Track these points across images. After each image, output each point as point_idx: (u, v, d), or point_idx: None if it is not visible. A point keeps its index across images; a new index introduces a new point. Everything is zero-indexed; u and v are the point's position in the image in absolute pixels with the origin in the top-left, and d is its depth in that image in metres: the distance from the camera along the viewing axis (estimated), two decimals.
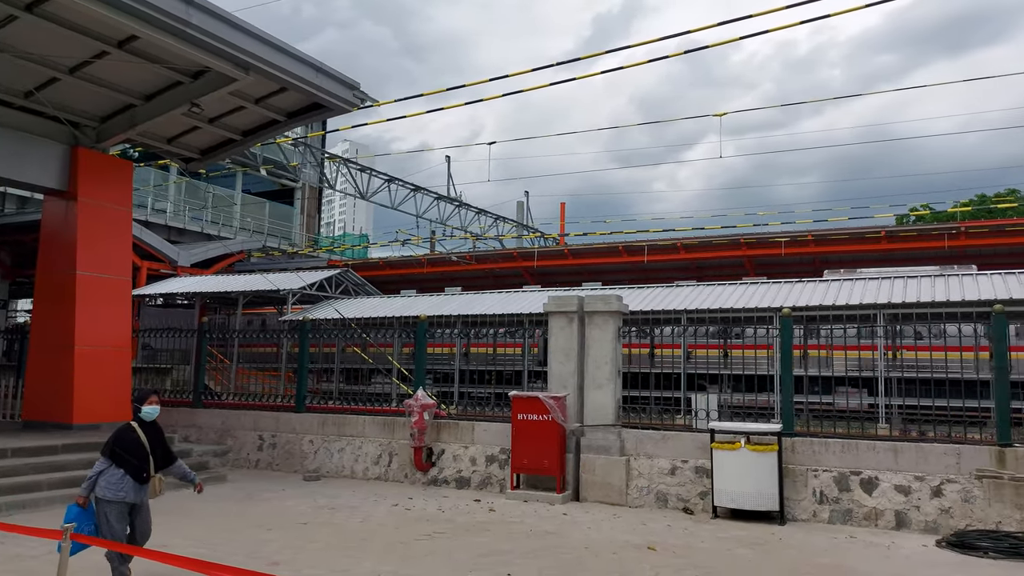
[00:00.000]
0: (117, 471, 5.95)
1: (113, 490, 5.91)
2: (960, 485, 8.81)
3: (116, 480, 5.93)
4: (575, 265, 30.53)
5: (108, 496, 5.90)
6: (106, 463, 5.97)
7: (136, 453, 6.04)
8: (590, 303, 11.14)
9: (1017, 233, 25.70)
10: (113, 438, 6.10)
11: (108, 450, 6.02)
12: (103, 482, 5.93)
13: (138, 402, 6.28)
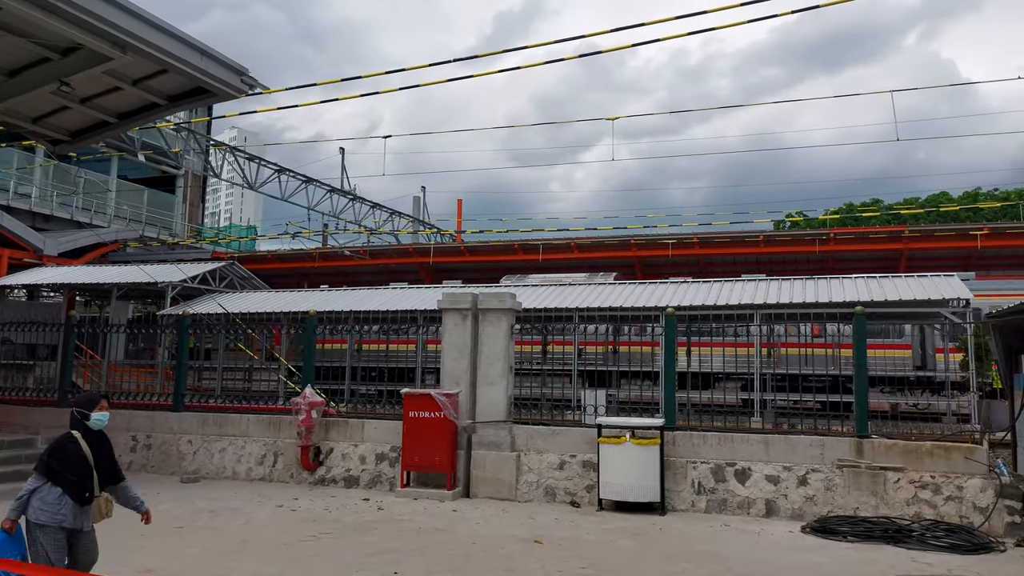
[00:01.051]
0: (54, 490, 5.01)
1: (49, 513, 4.97)
2: (823, 474, 9.46)
3: (52, 501, 4.99)
4: (472, 262, 30.62)
5: (42, 520, 4.96)
6: (40, 480, 5.02)
7: (77, 468, 5.10)
8: (484, 300, 11.20)
9: (879, 240, 27.85)
10: (49, 450, 5.16)
11: (43, 465, 5.06)
12: (36, 503, 4.98)
13: (83, 407, 5.27)
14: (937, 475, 9.06)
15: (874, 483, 9.22)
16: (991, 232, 25.79)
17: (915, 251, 26.87)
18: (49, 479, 5.02)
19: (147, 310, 26.00)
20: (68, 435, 5.23)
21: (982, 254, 26.30)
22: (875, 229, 29.92)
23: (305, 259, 32.67)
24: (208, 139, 28.85)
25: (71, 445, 5.16)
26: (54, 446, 5.19)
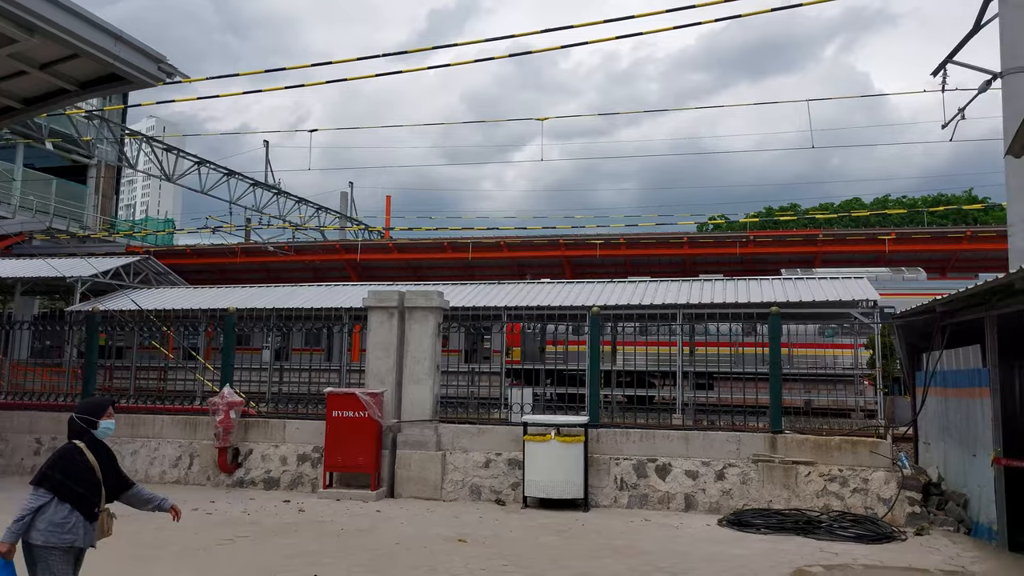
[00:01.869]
0: (62, 507, 4.43)
1: (58, 533, 4.39)
2: (740, 469, 9.78)
3: (61, 519, 4.41)
4: (400, 259, 30.34)
5: (52, 542, 4.38)
6: (45, 496, 4.40)
7: (86, 481, 4.54)
8: (411, 298, 11.11)
9: (795, 243, 28.99)
10: (54, 462, 4.54)
11: (48, 479, 4.44)
12: (42, 523, 4.37)
13: (90, 413, 4.72)
14: (845, 468, 9.49)
15: (787, 477, 9.59)
16: (898, 237, 27.22)
17: (828, 254, 28.13)
18: (56, 494, 4.44)
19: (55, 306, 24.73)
20: (72, 445, 4.63)
21: (890, 257, 27.70)
22: (792, 232, 31.16)
23: (226, 254, 31.71)
24: (123, 128, 27.59)
25: (79, 456, 4.59)
26: (59, 457, 4.58)
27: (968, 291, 8.17)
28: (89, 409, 4.78)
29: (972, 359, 9.16)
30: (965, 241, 26.64)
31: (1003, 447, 8.17)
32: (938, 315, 9.96)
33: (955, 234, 27.42)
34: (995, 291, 7.79)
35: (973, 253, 26.71)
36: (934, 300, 9.56)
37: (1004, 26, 11.63)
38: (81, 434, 4.68)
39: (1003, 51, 11.60)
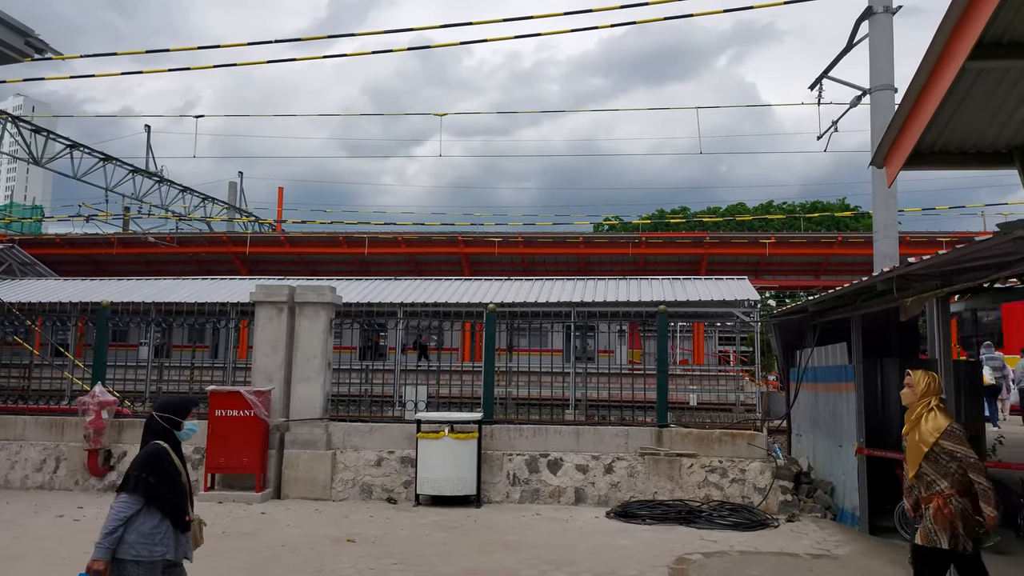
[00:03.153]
0: (152, 515, 3.98)
1: (148, 545, 3.93)
2: (627, 462, 10.07)
3: (151, 529, 3.96)
4: (292, 253, 29.41)
5: (142, 555, 3.91)
6: (136, 503, 3.93)
7: (176, 487, 4.10)
8: (302, 293, 10.77)
9: (684, 245, 30.14)
10: (144, 465, 4.02)
11: (139, 483, 3.95)
12: (131, 535, 3.91)
13: (171, 412, 4.25)
14: (724, 460, 9.94)
15: (671, 469, 9.95)
16: (778, 241, 28.78)
17: (715, 256, 29.41)
18: (147, 501, 3.96)
19: None
20: (160, 446, 4.14)
21: (770, 260, 29.28)
22: (681, 235, 32.41)
23: (102, 245, 29.78)
24: None
25: (167, 458, 4.11)
26: (148, 459, 4.06)
27: (836, 292, 8.73)
28: (173, 408, 4.31)
29: (839, 356, 9.80)
30: (837, 246, 28.49)
31: (865, 438, 8.79)
32: (810, 315, 10.61)
33: (828, 239, 29.29)
34: (859, 293, 8.36)
35: (844, 257, 28.61)
36: (807, 300, 10.17)
37: (873, 46, 12.50)
38: (162, 435, 4.20)
39: (872, 69, 12.47)
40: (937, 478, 5.01)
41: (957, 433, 5.02)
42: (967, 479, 4.93)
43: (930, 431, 5.02)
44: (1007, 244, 5.13)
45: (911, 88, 4.44)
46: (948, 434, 4.99)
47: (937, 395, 5.17)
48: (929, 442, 5.01)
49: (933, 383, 5.19)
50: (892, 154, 4.90)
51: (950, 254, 5.74)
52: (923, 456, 5.06)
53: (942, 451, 4.99)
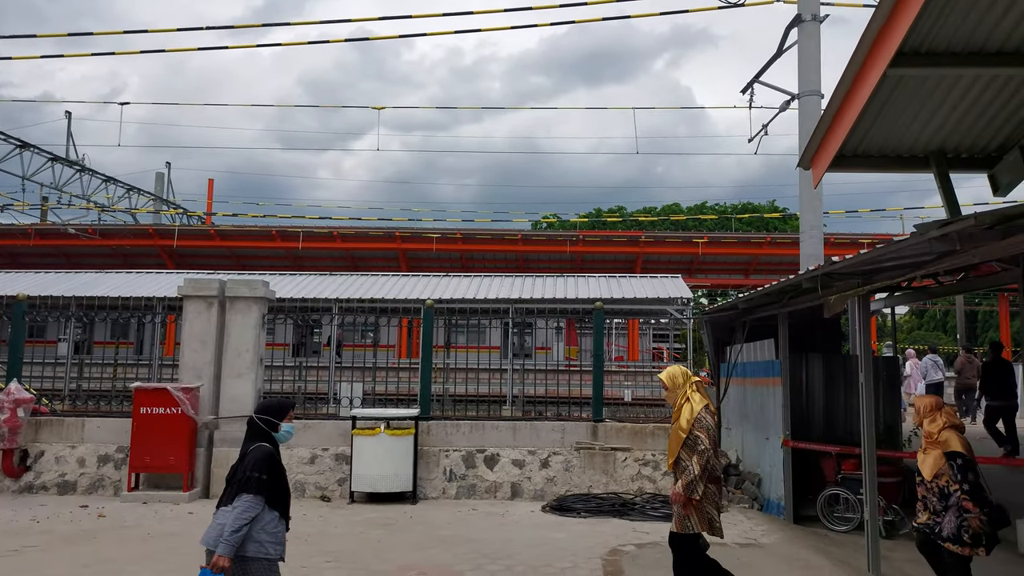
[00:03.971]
0: (272, 514, 4.07)
1: (272, 543, 4.06)
2: (563, 456, 10.18)
3: (274, 528, 4.08)
4: (222, 247, 28.59)
5: (270, 553, 4.02)
6: (259, 503, 3.99)
7: (284, 487, 4.22)
8: (233, 287, 10.49)
9: (621, 244, 30.60)
10: (261, 466, 4.06)
11: (264, 484, 4.02)
12: (258, 532, 3.99)
13: (272, 415, 4.31)
14: (657, 453, 10.15)
15: (606, 462, 10.11)
16: (710, 241, 29.52)
17: (650, 254, 29.94)
18: (267, 502, 4.05)
19: None
20: (269, 448, 4.21)
21: (702, 259, 30.00)
22: (618, 233, 32.90)
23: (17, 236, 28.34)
24: None
25: (276, 458, 4.22)
26: (264, 460, 4.10)
27: (764, 290, 9.00)
28: (271, 410, 4.38)
29: (767, 352, 10.12)
30: (766, 246, 29.40)
31: (791, 431, 9.10)
32: (739, 312, 10.91)
33: (757, 240, 30.20)
34: (786, 291, 8.64)
35: (772, 257, 29.54)
36: (737, 298, 10.46)
37: (801, 53, 12.94)
38: (262, 436, 4.28)
39: (800, 75, 12.91)
40: (693, 464, 5.08)
41: (704, 422, 5.11)
42: (717, 465, 5.10)
43: (686, 419, 5.14)
44: (923, 244, 5.40)
45: (836, 93, 4.62)
46: (699, 423, 5.08)
47: (691, 384, 5.29)
48: (687, 429, 5.11)
49: (681, 375, 5.33)
50: (818, 156, 5.10)
51: (870, 254, 5.99)
52: (682, 443, 5.16)
53: (696, 439, 5.09)
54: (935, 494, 5.69)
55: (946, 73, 4.33)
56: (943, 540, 5.53)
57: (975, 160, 5.26)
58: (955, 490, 5.52)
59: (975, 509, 5.44)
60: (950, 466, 5.56)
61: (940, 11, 3.85)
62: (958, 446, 5.61)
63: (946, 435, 5.70)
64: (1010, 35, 4.06)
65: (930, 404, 5.92)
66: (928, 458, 5.78)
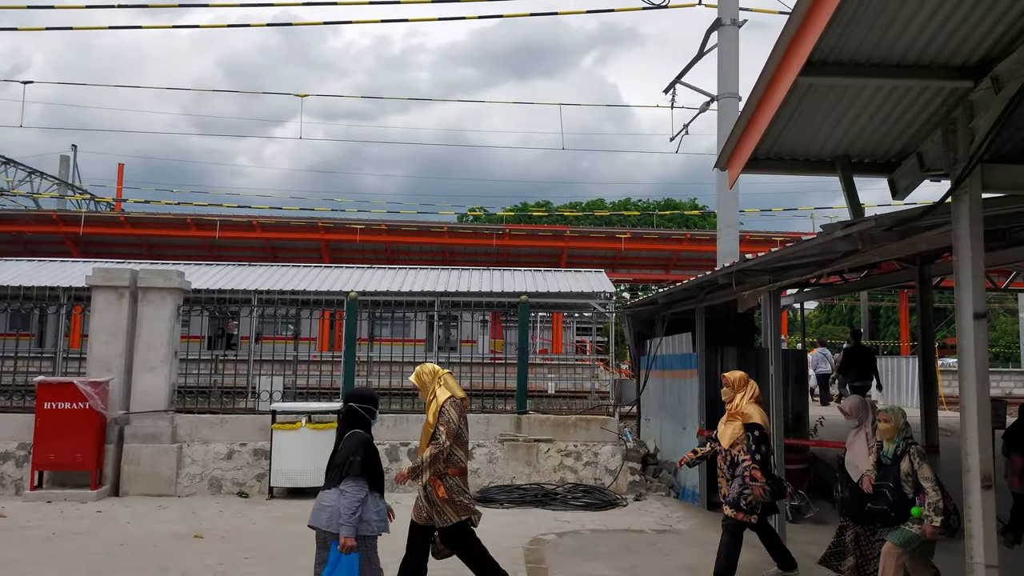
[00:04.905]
0: (375, 496, 4.60)
1: (378, 521, 4.62)
2: (487, 448, 10.25)
3: (380, 508, 4.63)
4: (134, 235, 27.39)
5: (375, 531, 4.58)
6: (364, 484, 4.48)
7: (382, 472, 4.72)
8: (146, 278, 10.09)
9: (546, 238, 30.90)
10: (364, 452, 4.52)
11: (367, 469, 4.49)
12: (369, 513, 4.52)
13: (370, 403, 4.79)
14: (579, 444, 10.35)
15: (529, 454, 10.24)
16: (632, 236, 30.16)
17: (575, 249, 30.35)
18: (371, 485, 4.57)
19: None
20: (367, 435, 4.69)
21: (625, 254, 30.62)
22: (543, 228, 33.19)
23: None
24: None
25: (374, 445, 4.72)
26: (366, 447, 4.58)
27: (682, 285, 9.31)
28: (367, 399, 4.81)
29: (685, 345, 10.47)
30: (686, 243, 30.24)
31: (706, 421, 9.46)
32: (659, 306, 11.24)
33: (678, 236, 31.03)
34: (703, 286, 8.97)
35: (692, 253, 30.41)
36: (657, 292, 10.77)
37: (721, 56, 13.37)
38: (357, 423, 4.69)
39: (719, 78, 13.34)
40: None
41: (445, 415, 5.19)
42: (462, 457, 5.30)
43: (432, 413, 5.22)
44: (828, 244, 5.71)
45: (751, 98, 4.81)
46: (442, 416, 5.19)
47: (438, 379, 5.35)
48: (433, 424, 5.21)
49: (428, 373, 5.40)
50: (733, 158, 5.30)
51: (781, 251, 6.30)
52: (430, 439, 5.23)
53: (439, 433, 5.18)
54: (727, 462, 6.09)
55: (851, 83, 4.58)
56: (725, 504, 5.98)
57: (877, 165, 5.57)
58: (744, 459, 5.91)
59: (761, 479, 5.84)
60: (747, 436, 5.95)
61: (846, 25, 4.07)
62: (757, 419, 6.00)
63: (749, 408, 6.09)
64: (909, 49, 4.33)
65: (740, 379, 6.33)
66: (728, 428, 6.17)
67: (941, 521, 5.15)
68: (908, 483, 5.35)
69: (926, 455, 5.46)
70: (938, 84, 4.60)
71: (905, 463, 5.38)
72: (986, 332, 4.60)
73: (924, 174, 5.25)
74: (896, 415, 5.55)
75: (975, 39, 4.28)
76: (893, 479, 5.41)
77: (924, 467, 5.31)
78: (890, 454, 5.51)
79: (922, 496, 5.24)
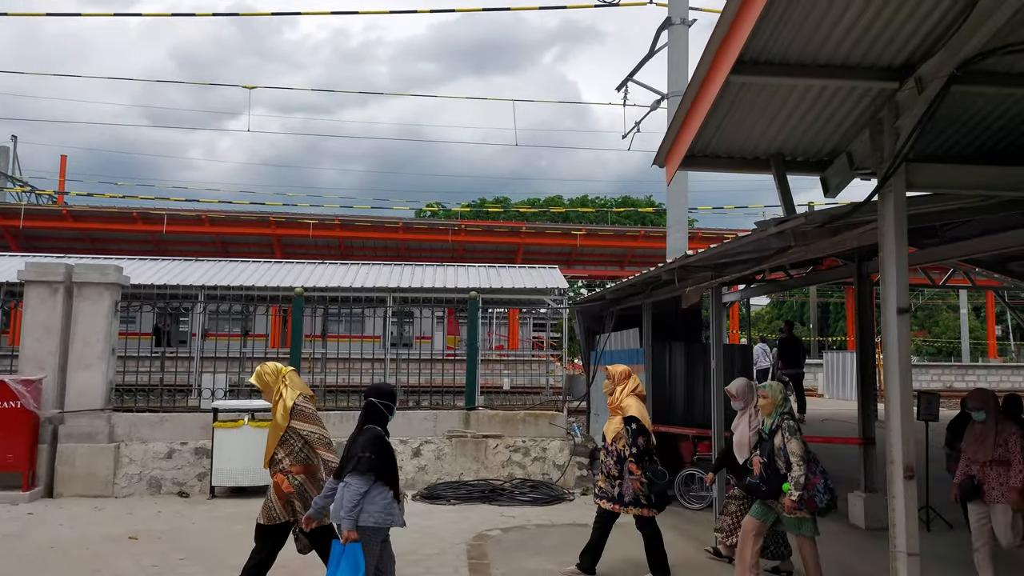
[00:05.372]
0: (383, 490, 4.67)
1: (383, 515, 4.64)
2: (435, 445, 10.21)
3: (387, 502, 4.68)
4: (77, 229, 26.56)
5: (381, 522, 4.63)
6: (367, 480, 4.58)
7: (394, 465, 4.80)
8: (82, 272, 9.80)
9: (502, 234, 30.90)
10: (372, 448, 4.63)
11: (372, 465, 4.59)
12: (372, 506, 4.60)
13: (388, 399, 4.88)
14: (528, 440, 10.38)
15: (477, 450, 10.23)
16: (588, 233, 30.34)
17: (530, 245, 30.41)
18: (377, 478, 4.63)
19: None
20: (379, 430, 4.80)
21: (581, 251, 30.79)
22: (499, 224, 33.17)
23: None
24: None
25: (387, 440, 4.81)
26: (375, 442, 4.68)
27: (629, 281, 9.39)
28: (385, 394, 4.92)
29: (632, 340, 10.57)
30: (640, 239, 30.53)
31: (652, 415, 9.55)
32: (607, 301, 11.33)
33: (632, 233, 31.31)
34: (648, 282, 9.06)
35: (646, 250, 30.71)
36: (604, 288, 10.85)
37: (671, 54, 13.50)
38: (378, 419, 4.81)
39: (669, 76, 13.47)
40: (283, 457, 5.18)
41: (304, 411, 5.21)
42: (311, 456, 5.21)
43: (280, 415, 5.20)
44: (763, 240, 5.81)
45: (687, 95, 4.87)
46: (298, 414, 5.17)
47: (282, 378, 5.36)
48: (283, 426, 5.18)
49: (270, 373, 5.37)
50: (670, 155, 5.36)
51: (719, 248, 6.39)
52: (279, 440, 5.19)
53: (292, 431, 5.17)
54: (613, 458, 6.06)
55: (782, 82, 4.65)
56: (624, 505, 5.95)
57: (810, 163, 5.68)
58: (627, 454, 5.89)
59: (637, 472, 5.83)
60: (626, 430, 5.94)
61: (775, 25, 4.14)
62: (634, 411, 5.98)
63: (627, 401, 6.07)
64: (836, 50, 4.42)
65: (621, 372, 6.30)
66: (611, 423, 6.15)
67: (798, 496, 5.26)
68: (780, 457, 5.46)
69: (798, 431, 5.53)
70: (865, 85, 4.70)
71: (778, 438, 5.49)
72: (909, 326, 4.72)
73: (854, 172, 5.37)
74: (774, 391, 5.66)
75: (900, 41, 4.39)
76: (767, 454, 5.54)
77: (793, 442, 5.40)
78: (768, 429, 5.65)
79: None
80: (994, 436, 5.68)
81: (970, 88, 4.79)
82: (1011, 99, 5.03)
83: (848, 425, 13.41)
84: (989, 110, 5.19)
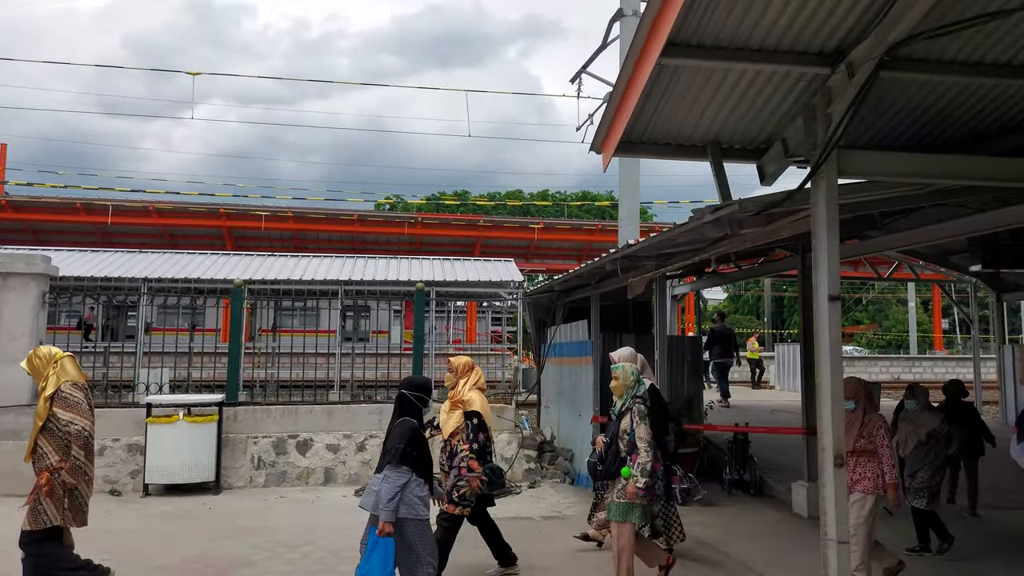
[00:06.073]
0: (420, 482, 4.70)
1: (422, 506, 4.70)
2: (380, 439, 9.99)
3: (424, 493, 4.73)
4: (16, 220, 25.62)
5: (421, 515, 4.68)
6: (405, 472, 4.61)
7: (429, 457, 4.86)
8: (5, 263, 9.37)
9: (460, 227, 30.69)
10: (408, 440, 4.68)
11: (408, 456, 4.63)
12: (410, 498, 4.63)
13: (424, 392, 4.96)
14: None
15: None
16: (546, 227, 30.30)
17: (489, 238, 30.26)
18: (415, 471, 4.66)
19: None
20: (414, 423, 4.81)
21: (539, 244, 30.74)
22: (457, 217, 32.94)
23: None
24: None
25: (420, 432, 4.84)
26: (411, 435, 4.72)
27: (576, 272, 9.31)
28: (421, 387, 4.96)
29: (581, 332, 10.50)
30: (598, 233, 30.60)
31: (600, 407, 9.51)
32: (557, 293, 11.24)
33: (590, 227, 31.37)
34: (595, 273, 8.99)
35: (604, 244, 30.79)
36: (553, 279, 10.76)
37: (623, 46, 13.45)
38: (412, 411, 4.83)
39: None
40: (49, 451, 4.77)
41: (68, 399, 4.80)
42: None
43: (41, 404, 4.80)
44: (701, 228, 5.75)
45: (619, 78, 4.77)
46: (61, 401, 4.75)
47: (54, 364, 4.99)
48: (43, 416, 4.75)
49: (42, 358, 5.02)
50: (606, 141, 5.26)
51: (659, 237, 6.33)
52: (39, 430, 4.76)
53: (58, 421, 4.75)
54: (447, 452, 5.72)
55: (715, 66, 4.57)
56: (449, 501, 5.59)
57: (747, 151, 5.62)
58: (463, 449, 5.56)
59: (478, 470, 5.54)
60: (466, 425, 5.60)
61: (705, 7, 4.05)
62: (477, 406, 5.66)
63: (470, 395, 5.73)
64: (768, 34, 4.35)
65: (464, 364, 6.00)
66: (451, 417, 5.74)
67: (645, 483, 5.06)
68: (623, 440, 5.25)
69: (648, 416, 5.26)
70: (798, 70, 4.65)
71: (625, 420, 5.28)
72: (840, 314, 4.70)
73: (789, 160, 5.33)
74: (626, 372, 5.40)
75: (831, 26, 4.34)
76: (611, 435, 5.35)
77: (642, 427, 5.18)
78: (617, 410, 5.44)
79: (635, 456, 5.15)
80: (859, 427, 5.66)
81: (901, 75, 4.78)
82: (942, 87, 5.04)
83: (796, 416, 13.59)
84: (920, 99, 5.19)
